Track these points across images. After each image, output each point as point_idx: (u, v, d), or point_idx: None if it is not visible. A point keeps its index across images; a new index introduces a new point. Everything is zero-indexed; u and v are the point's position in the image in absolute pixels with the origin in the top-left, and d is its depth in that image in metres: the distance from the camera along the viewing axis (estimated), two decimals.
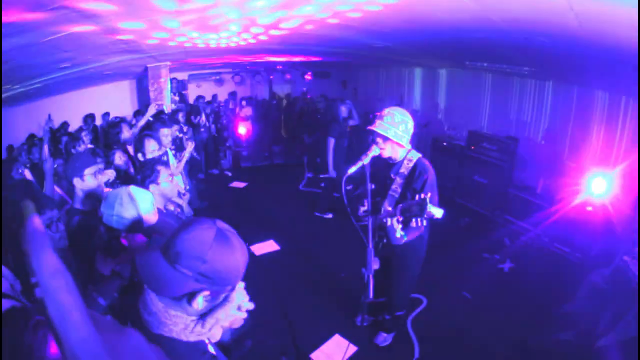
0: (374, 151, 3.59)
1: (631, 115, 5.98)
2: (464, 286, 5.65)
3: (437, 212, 3.36)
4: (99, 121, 10.59)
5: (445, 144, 8.87)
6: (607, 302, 4.08)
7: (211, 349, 1.57)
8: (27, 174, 5.18)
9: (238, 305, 1.55)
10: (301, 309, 5.16)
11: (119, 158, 5.43)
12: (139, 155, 5.39)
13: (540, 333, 4.46)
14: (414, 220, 3.19)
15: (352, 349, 4.35)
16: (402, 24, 4.65)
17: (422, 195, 3.08)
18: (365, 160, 3.48)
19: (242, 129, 11.56)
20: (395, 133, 3.59)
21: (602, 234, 5.88)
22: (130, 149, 5.88)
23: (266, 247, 6.72)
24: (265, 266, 6.13)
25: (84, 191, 3.40)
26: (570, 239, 6.29)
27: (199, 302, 1.40)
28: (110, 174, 4.58)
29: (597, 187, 5.88)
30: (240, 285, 1.56)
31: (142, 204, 2.79)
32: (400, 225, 3.38)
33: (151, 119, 7.02)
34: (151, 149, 5.35)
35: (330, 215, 8.00)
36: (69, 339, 1.13)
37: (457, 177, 8.51)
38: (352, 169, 3.41)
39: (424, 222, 3.20)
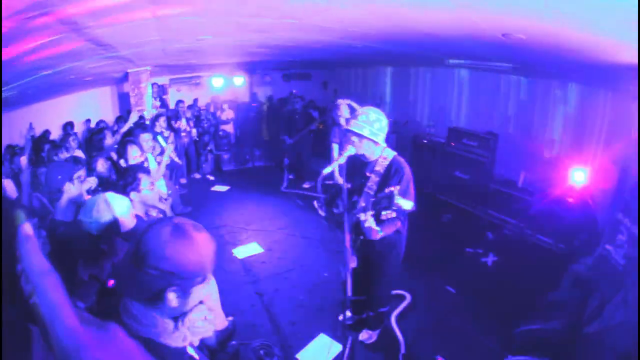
0: (349, 150, 3.63)
1: (610, 108, 6.08)
2: (448, 281, 5.70)
3: (406, 204, 3.45)
4: (79, 128, 10.50)
5: (425, 141, 8.92)
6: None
7: (190, 351, 1.59)
8: (8, 184, 5.14)
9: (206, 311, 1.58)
10: (286, 310, 5.16)
11: (101, 165, 5.42)
12: (122, 161, 5.41)
13: (526, 323, 4.49)
14: (384, 213, 3.25)
15: (338, 347, 4.36)
16: (384, 26, 4.69)
17: (391, 188, 3.14)
18: (341, 159, 3.51)
19: None
20: (371, 131, 3.63)
21: (583, 224, 5.96)
22: (114, 154, 5.87)
23: (250, 249, 6.70)
24: (249, 269, 6.12)
25: (70, 198, 3.42)
26: (552, 230, 6.36)
27: (171, 299, 1.42)
28: (92, 182, 4.57)
29: (577, 178, 5.98)
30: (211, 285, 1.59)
31: (118, 209, 2.83)
32: (372, 219, 3.43)
33: (132, 125, 7.01)
34: (134, 154, 5.40)
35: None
36: (58, 330, 1.23)
37: (438, 173, 8.56)
38: (327, 169, 3.44)
39: (393, 214, 3.25)
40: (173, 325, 1.48)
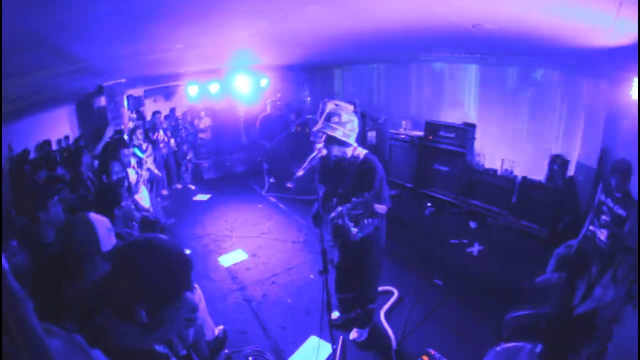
0: (321, 152, 3.62)
1: (588, 93, 6.15)
2: (435, 274, 5.72)
3: (380, 209, 3.46)
4: (56, 145, 10.33)
5: (403, 136, 8.93)
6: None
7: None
8: None
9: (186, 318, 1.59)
10: (275, 315, 5.13)
11: (81, 182, 5.39)
12: (103, 177, 5.40)
13: (515, 310, 4.51)
14: (362, 219, 3.28)
15: (329, 348, 4.34)
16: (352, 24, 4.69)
17: (366, 195, 3.16)
18: (313, 161, 3.50)
19: None
20: (343, 132, 3.65)
21: (566, 208, 6.01)
22: (91, 172, 5.84)
23: (235, 257, 6.65)
24: (235, 276, 6.07)
25: (49, 221, 3.38)
26: (535, 215, 6.40)
27: (141, 315, 1.44)
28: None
29: (556, 163, 6.03)
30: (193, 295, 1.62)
31: (100, 229, 2.79)
32: (352, 224, 3.45)
33: (108, 139, 6.95)
34: (116, 170, 5.40)
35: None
36: (27, 342, 1.32)
37: (417, 167, 8.61)
38: (300, 172, 3.43)
39: (370, 221, 3.28)
40: (146, 334, 1.50)
